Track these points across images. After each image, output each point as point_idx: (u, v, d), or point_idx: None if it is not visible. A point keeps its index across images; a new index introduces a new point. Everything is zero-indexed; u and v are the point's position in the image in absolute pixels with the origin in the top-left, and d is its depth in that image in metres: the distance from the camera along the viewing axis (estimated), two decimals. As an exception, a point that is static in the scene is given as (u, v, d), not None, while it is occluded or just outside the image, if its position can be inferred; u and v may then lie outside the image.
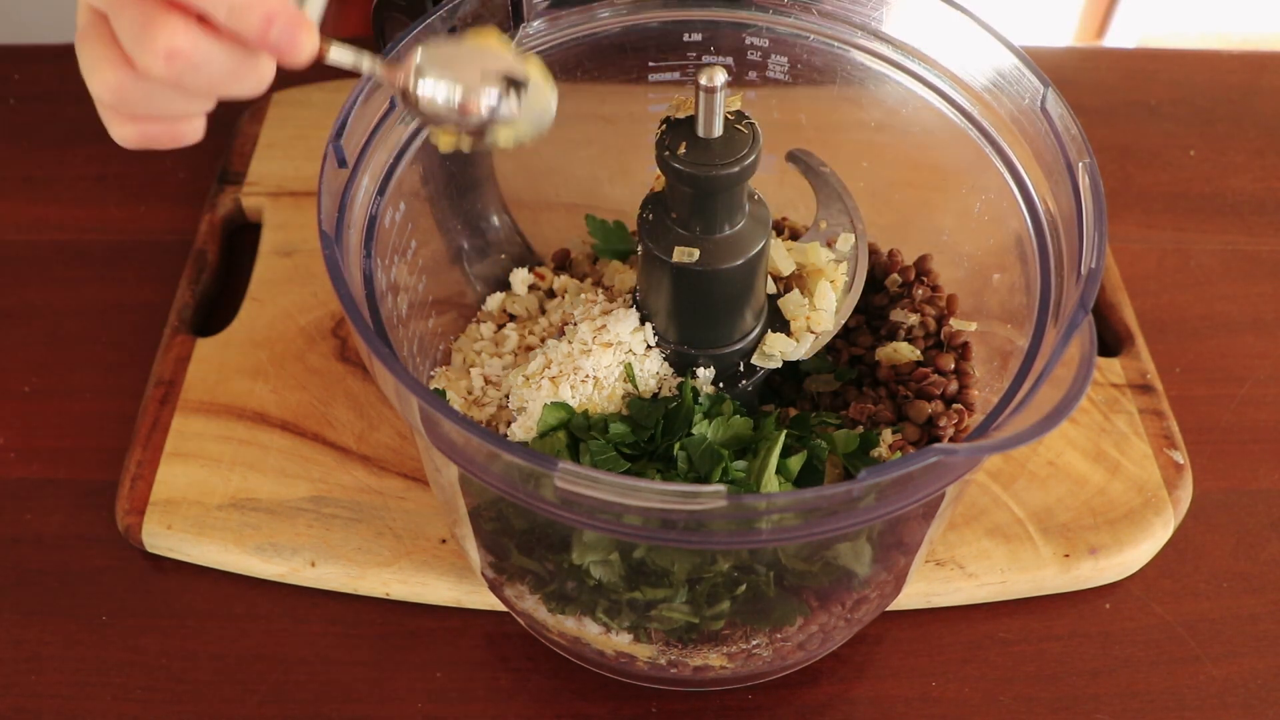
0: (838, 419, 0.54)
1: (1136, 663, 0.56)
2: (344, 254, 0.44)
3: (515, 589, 0.51)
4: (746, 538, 0.39)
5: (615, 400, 0.51)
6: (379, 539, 0.58)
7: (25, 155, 0.81)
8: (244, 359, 0.66)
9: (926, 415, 0.53)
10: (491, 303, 0.60)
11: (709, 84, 0.44)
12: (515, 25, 0.53)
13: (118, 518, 0.60)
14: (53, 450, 0.64)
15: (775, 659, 0.51)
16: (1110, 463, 0.61)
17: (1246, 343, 0.69)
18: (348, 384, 0.65)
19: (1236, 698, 0.55)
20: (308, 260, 0.71)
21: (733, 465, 0.48)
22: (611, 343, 0.51)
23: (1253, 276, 0.73)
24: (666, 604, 0.46)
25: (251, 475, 0.60)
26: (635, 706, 0.54)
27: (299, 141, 0.78)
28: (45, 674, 0.55)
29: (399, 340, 0.51)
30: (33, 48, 0.89)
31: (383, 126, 0.49)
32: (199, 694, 0.55)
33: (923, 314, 0.57)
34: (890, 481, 0.37)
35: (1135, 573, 0.59)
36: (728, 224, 0.48)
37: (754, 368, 0.53)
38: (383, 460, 0.61)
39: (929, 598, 0.57)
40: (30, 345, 0.69)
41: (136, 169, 0.80)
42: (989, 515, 0.59)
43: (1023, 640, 0.57)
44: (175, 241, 0.74)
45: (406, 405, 0.40)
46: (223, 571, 0.59)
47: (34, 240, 0.75)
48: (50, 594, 0.58)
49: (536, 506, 0.39)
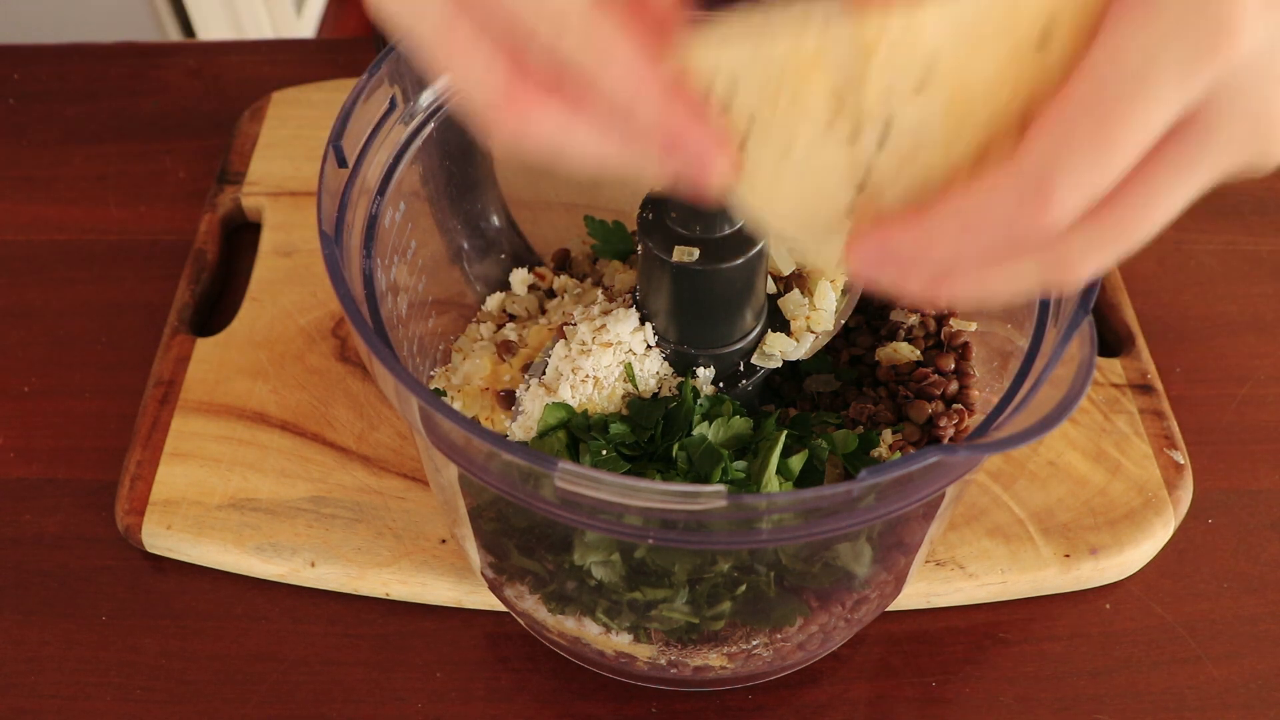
0: (838, 419, 0.54)
1: (1137, 663, 0.56)
2: (344, 254, 0.44)
3: (515, 589, 0.51)
4: (746, 538, 0.39)
5: (615, 400, 0.51)
6: (379, 539, 0.58)
7: (25, 155, 0.81)
8: (244, 359, 0.66)
9: (926, 415, 0.53)
10: (491, 303, 0.60)
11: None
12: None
13: (117, 518, 0.60)
14: (53, 450, 0.64)
15: (775, 659, 0.51)
16: (1111, 463, 0.61)
17: (1247, 343, 0.69)
18: (348, 384, 0.65)
19: (1237, 698, 0.55)
20: (308, 260, 0.71)
21: (732, 465, 0.48)
22: (611, 343, 0.51)
23: (1253, 276, 0.73)
24: (667, 604, 0.46)
25: (251, 475, 0.60)
26: (635, 706, 0.54)
27: (299, 141, 0.78)
28: (45, 674, 0.55)
29: (399, 340, 0.51)
30: (33, 48, 0.89)
31: (383, 126, 0.49)
32: (199, 694, 0.55)
33: (923, 314, 0.57)
34: (890, 481, 0.37)
35: (1136, 573, 0.59)
36: (727, 223, 0.48)
37: (754, 368, 0.53)
38: (383, 460, 0.61)
39: (929, 598, 0.57)
40: (30, 345, 0.69)
41: (136, 169, 0.80)
42: (989, 515, 0.59)
43: (1023, 640, 0.57)
44: (175, 241, 0.74)
45: (406, 405, 0.40)
46: (223, 571, 0.59)
47: (34, 240, 0.75)
48: (50, 594, 0.58)
49: (536, 506, 0.39)
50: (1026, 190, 0.28)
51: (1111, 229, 0.29)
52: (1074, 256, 0.30)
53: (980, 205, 0.29)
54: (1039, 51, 0.29)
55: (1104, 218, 0.29)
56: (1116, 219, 0.29)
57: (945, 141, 0.30)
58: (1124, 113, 0.27)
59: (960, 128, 0.30)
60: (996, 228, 0.29)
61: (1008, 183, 0.29)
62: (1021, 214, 0.28)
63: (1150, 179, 0.28)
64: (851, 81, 0.29)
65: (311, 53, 0.89)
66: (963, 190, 0.29)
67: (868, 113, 0.29)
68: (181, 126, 0.83)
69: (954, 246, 0.30)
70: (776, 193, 0.32)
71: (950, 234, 0.30)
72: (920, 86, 0.29)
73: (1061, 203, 0.28)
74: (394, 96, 0.49)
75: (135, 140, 0.82)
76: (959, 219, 0.29)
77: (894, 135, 0.30)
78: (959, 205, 0.29)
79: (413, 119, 0.51)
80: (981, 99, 0.29)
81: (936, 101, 0.29)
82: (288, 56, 0.89)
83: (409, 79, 0.50)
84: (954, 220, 0.29)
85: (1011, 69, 0.29)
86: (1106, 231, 0.29)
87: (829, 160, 0.31)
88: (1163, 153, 0.28)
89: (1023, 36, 0.28)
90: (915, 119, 0.29)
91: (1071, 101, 0.28)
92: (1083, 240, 0.30)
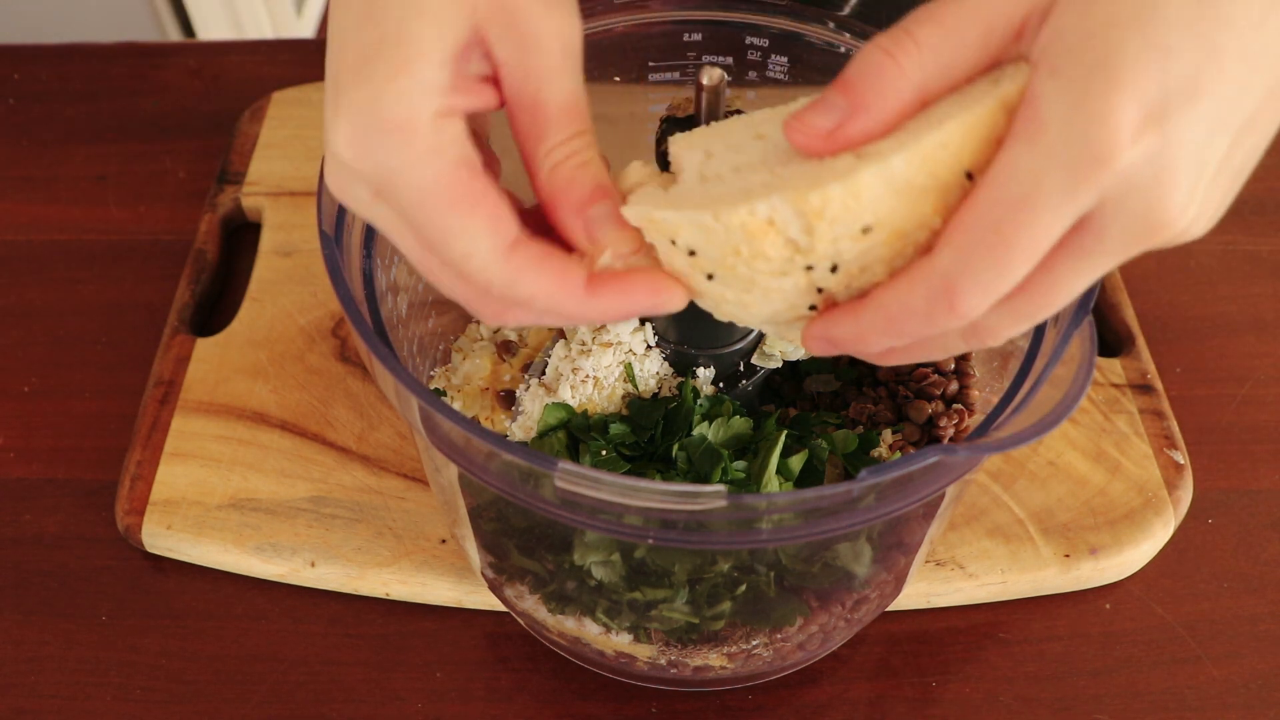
0: (838, 419, 0.54)
1: (1137, 663, 0.56)
2: (344, 254, 0.44)
3: (515, 589, 0.51)
4: (746, 538, 0.39)
5: (615, 400, 0.51)
6: (379, 539, 0.58)
7: (25, 155, 0.81)
8: (244, 359, 0.66)
9: (926, 415, 0.53)
10: (491, 303, 0.60)
11: (709, 83, 0.44)
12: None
13: (117, 518, 0.60)
14: (53, 450, 0.64)
15: (775, 659, 0.51)
16: (1110, 463, 0.61)
17: (1246, 343, 0.69)
18: (348, 384, 0.65)
19: (1237, 698, 0.55)
20: (308, 260, 0.71)
21: (732, 465, 0.48)
22: (611, 343, 0.51)
23: (1253, 276, 0.73)
24: (667, 604, 0.46)
25: (251, 475, 0.60)
26: (635, 706, 0.54)
27: (299, 141, 0.78)
28: (45, 674, 0.55)
29: (399, 340, 0.51)
30: (33, 48, 0.89)
31: (383, 126, 0.48)
32: (199, 694, 0.55)
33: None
34: (890, 481, 0.37)
35: (1135, 573, 0.59)
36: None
37: (754, 368, 0.53)
38: (383, 460, 0.61)
39: (929, 598, 0.57)
40: (30, 345, 0.69)
41: (136, 169, 0.80)
42: (989, 515, 0.59)
43: (1023, 640, 0.57)
44: (175, 241, 0.74)
45: (406, 405, 0.40)
46: (223, 571, 0.59)
47: (34, 240, 0.75)
48: (50, 594, 0.58)
49: (536, 506, 0.39)
50: (935, 293, 0.32)
51: (1024, 308, 0.33)
52: (991, 329, 0.34)
53: (898, 302, 0.34)
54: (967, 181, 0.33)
55: (1016, 301, 0.33)
56: (1027, 301, 0.33)
57: (889, 259, 0.34)
58: (1017, 227, 0.31)
59: (903, 247, 0.34)
60: (915, 321, 0.33)
61: (920, 287, 0.33)
62: (934, 311, 0.33)
63: (1054, 270, 0.32)
64: (804, 234, 0.33)
65: (311, 53, 0.89)
66: (883, 290, 0.34)
67: (820, 254, 0.34)
68: (181, 126, 0.83)
69: (883, 334, 0.35)
70: (744, 309, 0.37)
71: (879, 325, 0.34)
72: (865, 231, 0.33)
73: (966, 304, 0.32)
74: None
75: (135, 140, 0.82)
76: (883, 313, 0.34)
77: (844, 265, 0.34)
78: (881, 301, 0.34)
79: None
80: (918, 227, 0.33)
81: (879, 236, 0.33)
82: (288, 56, 0.89)
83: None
84: (879, 314, 0.34)
85: (942, 201, 0.33)
86: (1020, 310, 0.33)
87: (789, 284, 0.35)
88: (1065, 248, 0.32)
89: (948, 178, 0.32)
90: (861, 250, 0.34)
91: (972, 216, 0.32)
92: (997, 318, 0.34)
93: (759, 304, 0.36)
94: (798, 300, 0.36)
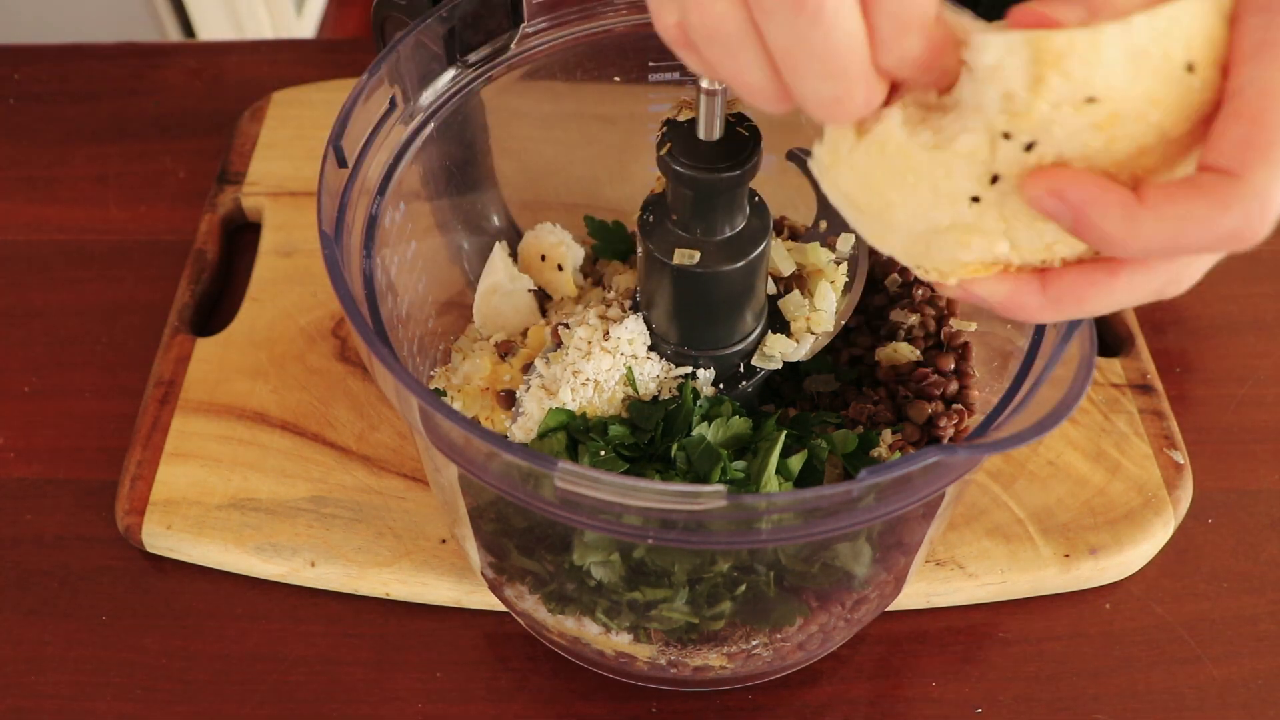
0: (838, 419, 0.54)
1: (1137, 663, 0.56)
2: (344, 254, 0.44)
3: (515, 589, 0.51)
4: (746, 538, 0.39)
5: (615, 403, 0.51)
6: (379, 539, 0.58)
7: (25, 155, 0.81)
8: (244, 359, 0.66)
9: (926, 415, 0.53)
10: (491, 303, 0.60)
11: (710, 86, 0.44)
12: (515, 25, 0.53)
13: (118, 518, 0.60)
14: (53, 450, 0.64)
15: (775, 659, 0.51)
16: (1110, 463, 0.61)
17: (1246, 343, 0.69)
18: (348, 384, 0.65)
19: (1237, 698, 0.55)
20: (308, 260, 0.71)
21: (732, 465, 0.48)
22: (611, 349, 0.51)
23: (1253, 276, 0.73)
24: (667, 604, 0.46)
25: (251, 475, 0.60)
26: (635, 706, 0.54)
27: (299, 141, 0.78)
28: (45, 674, 0.55)
29: (399, 340, 0.51)
30: (33, 48, 0.89)
31: (383, 126, 0.49)
32: (199, 694, 0.55)
33: (922, 314, 0.57)
34: (890, 481, 0.37)
35: (1135, 573, 0.59)
36: (728, 226, 0.48)
37: (754, 369, 0.53)
38: (383, 460, 0.61)
39: (929, 598, 0.57)
40: (30, 345, 0.69)
41: (136, 169, 0.80)
42: (989, 515, 0.59)
43: (1023, 640, 0.57)
44: (175, 241, 0.74)
45: (406, 405, 0.40)
46: (223, 571, 0.59)
47: (34, 240, 0.75)
48: (50, 594, 0.58)
49: (536, 506, 0.39)
50: (1251, 208, 0.30)
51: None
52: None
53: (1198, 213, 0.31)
54: (1187, 75, 0.31)
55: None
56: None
57: (1088, 153, 0.32)
58: None
59: (1109, 142, 0.31)
60: (1208, 230, 0.31)
61: (1238, 201, 0.30)
62: (1246, 226, 0.31)
63: None
64: (1028, 87, 0.31)
65: (311, 53, 0.89)
66: (1177, 188, 0.31)
67: (1033, 119, 0.31)
68: (181, 126, 0.83)
69: (1154, 234, 0.31)
70: (908, 165, 0.34)
71: (1165, 222, 0.31)
72: (1089, 101, 0.31)
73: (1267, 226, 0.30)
74: (394, 96, 0.49)
75: (135, 140, 0.82)
76: (1172, 209, 0.31)
77: (1042, 144, 0.32)
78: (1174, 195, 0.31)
79: (413, 119, 0.51)
80: (1133, 116, 0.31)
81: (1096, 115, 0.31)
82: (288, 56, 0.89)
83: (409, 79, 0.50)
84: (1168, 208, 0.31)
85: (1164, 89, 0.31)
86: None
87: (965, 156, 0.32)
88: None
89: (1176, 62, 0.31)
90: (1071, 130, 0.31)
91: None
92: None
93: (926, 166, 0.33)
94: (965, 183, 0.33)
